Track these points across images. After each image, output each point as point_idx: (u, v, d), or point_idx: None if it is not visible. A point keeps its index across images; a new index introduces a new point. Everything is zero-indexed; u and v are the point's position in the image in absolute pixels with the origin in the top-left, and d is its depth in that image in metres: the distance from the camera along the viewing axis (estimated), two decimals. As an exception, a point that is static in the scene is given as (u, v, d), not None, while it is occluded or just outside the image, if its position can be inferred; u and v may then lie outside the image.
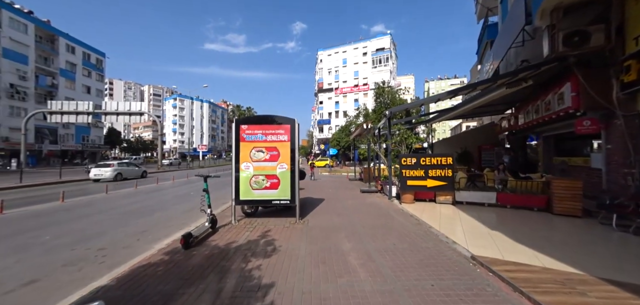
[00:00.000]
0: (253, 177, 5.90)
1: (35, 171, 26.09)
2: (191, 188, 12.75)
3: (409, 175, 7.73)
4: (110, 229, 5.84)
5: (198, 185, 13.89)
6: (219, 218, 6.32)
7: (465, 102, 9.96)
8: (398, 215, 6.58)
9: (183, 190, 12.33)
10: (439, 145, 21.76)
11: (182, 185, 14.51)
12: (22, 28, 35.04)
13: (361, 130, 11.88)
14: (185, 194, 11.12)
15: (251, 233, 5.12)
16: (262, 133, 5.98)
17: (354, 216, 6.52)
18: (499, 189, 7.73)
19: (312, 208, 7.56)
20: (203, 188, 5.13)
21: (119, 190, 12.47)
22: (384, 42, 54.67)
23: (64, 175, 20.92)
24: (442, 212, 6.74)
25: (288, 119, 6.05)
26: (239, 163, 5.89)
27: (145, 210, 7.76)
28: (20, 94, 34.35)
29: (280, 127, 6.01)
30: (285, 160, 5.96)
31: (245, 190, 5.88)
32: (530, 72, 6.88)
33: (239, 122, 6.00)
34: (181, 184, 14.97)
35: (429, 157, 7.64)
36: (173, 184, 15.35)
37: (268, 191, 5.93)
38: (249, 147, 5.94)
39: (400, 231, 5.16)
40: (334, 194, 10.48)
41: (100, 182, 15.47)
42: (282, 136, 5.99)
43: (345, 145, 39.86)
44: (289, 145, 5.99)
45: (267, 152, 5.97)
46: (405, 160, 7.81)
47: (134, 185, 13.88)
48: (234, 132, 5.96)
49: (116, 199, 9.83)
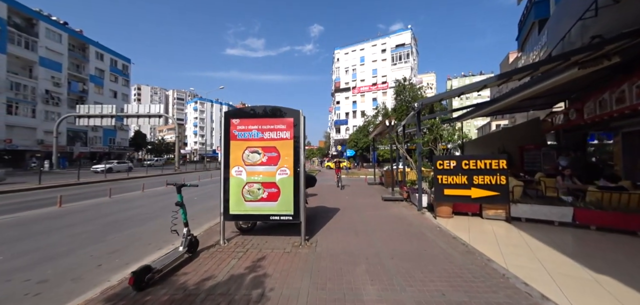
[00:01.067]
0: (246, 185, 4.64)
1: (64, 172, 27.27)
2: (196, 192, 11.92)
3: (447, 182, 6.08)
4: (80, 246, 4.87)
5: (205, 190, 13.05)
6: (208, 235, 5.14)
7: (507, 94, 8.05)
8: (436, 236, 4.98)
9: (188, 195, 11.51)
10: (470, 146, 19.31)
11: (189, 189, 13.79)
12: (56, 38, 37.40)
13: (383, 128, 10.30)
14: (188, 199, 10.21)
15: (238, 262, 3.84)
16: (257, 129, 4.70)
17: (376, 236, 5.03)
18: (569, 201, 5.83)
19: (324, 221, 6.17)
20: (176, 201, 3.94)
21: (124, 193, 11.94)
22: (405, 37, 51.99)
23: (85, 176, 21.43)
24: (497, 234, 5.03)
25: (291, 110, 4.73)
26: (228, 167, 4.67)
27: (135, 220, 6.83)
28: (55, 99, 36.59)
29: (280, 121, 4.70)
30: (287, 164, 4.64)
31: (237, 202, 4.63)
32: (625, 42, 4.97)
33: (229, 115, 4.77)
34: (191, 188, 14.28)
35: (475, 159, 5.94)
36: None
37: (265, 204, 4.63)
38: (241, 147, 4.70)
39: (446, 267, 3.61)
40: (350, 201, 9.00)
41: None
42: (283, 133, 4.68)
43: (363, 146, 38.05)
44: (291, 144, 4.66)
45: (264, 153, 4.68)
46: (441, 164, 6.17)
47: (141, 187, 13.36)
48: (223, 127, 4.75)
49: (114, 205, 9.13)
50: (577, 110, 8.77)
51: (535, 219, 5.60)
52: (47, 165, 31.40)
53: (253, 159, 4.68)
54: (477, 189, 5.83)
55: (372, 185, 14.31)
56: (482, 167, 5.84)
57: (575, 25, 7.80)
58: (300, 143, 4.66)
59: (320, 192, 11.47)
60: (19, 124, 32.53)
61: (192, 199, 10.24)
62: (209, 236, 5.08)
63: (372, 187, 13.46)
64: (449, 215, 6.28)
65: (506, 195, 5.64)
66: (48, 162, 31.37)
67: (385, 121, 9.58)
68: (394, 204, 8.45)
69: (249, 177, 4.65)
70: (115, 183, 17.26)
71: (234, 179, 4.65)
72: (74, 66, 40.61)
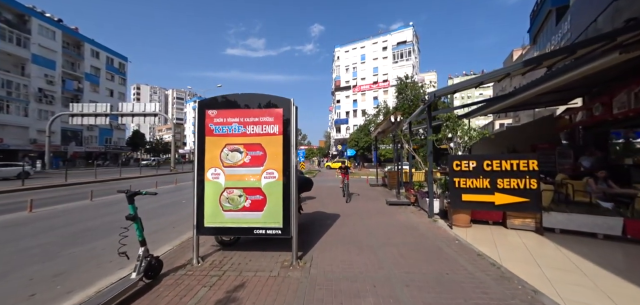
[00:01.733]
0: (225, 191, 3.77)
1: (56, 173, 26.43)
2: (184, 195, 11.05)
3: (465, 186, 5.20)
4: (24, 264, 4.01)
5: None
6: (182, 252, 4.26)
7: (526, 87, 7.17)
8: (457, 252, 4.11)
9: (176, 198, 10.64)
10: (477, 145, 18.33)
11: (174, 192, 12.92)
12: (50, 35, 36.55)
13: (387, 125, 9.42)
14: (174, 203, 9.36)
15: (209, 292, 2.97)
16: (239, 122, 3.83)
17: (384, 252, 4.15)
18: (609, 208, 4.93)
19: (321, 232, 5.29)
20: (127, 214, 3.07)
21: (109, 196, 11.08)
22: (406, 34, 51.05)
23: (76, 177, 20.59)
24: (530, 249, 4.15)
25: (280, 99, 3.85)
26: (203, 169, 3.79)
27: (105, 228, 5.95)
28: (48, 97, 35.76)
29: (267, 112, 3.82)
30: (275, 165, 3.76)
31: (213, 212, 3.75)
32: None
33: (204, 105, 3.89)
34: (180, 189, 13.41)
35: (499, 159, 5.05)
36: (174, 188, 13.86)
37: (248, 214, 3.75)
38: (219, 145, 3.82)
39: (480, 302, 2.73)
40: (352, 206, 8.12)
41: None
42: (270, 127, 3.80)
43: (364, 145, 37.16)
44: (280, 140, 3.78)
45: (246, 152, 3.81)
46: (459, 164, 5.29)
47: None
48: (197, 120, 3.87)
49: (92, 209, 8.26)
50: (604, 105, 7.87)
51: (572, 230, 4.72)
52: (39, 165, 30.59)
53: (233, 159, 3.80)
54: (501, 194, 4.94)
55: (375, 187, 13.43)
56: (507, 168, 4.95)
57: (607, 9, 6.91)
58: (291, 139, 3.78)
59: (319, 194, 10.60)
60: (10, 122, 31.70)
61: (180, 203, 9.38)
62: (183, 253, 4.21)
63: (375, 189, 12.57)
64: (467, 224, 5.40)
65: (537, 201, 4.75)
66: (40, 162, 30.56)
67: (391, 117, 8.69)
68: (401, 209, 7.57)
69: (228, 181, 3.77)
70: (106, 184, 16.42)
71: (210, 184, 3.78)
72: (69, 64, 39.76)
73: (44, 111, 35.16)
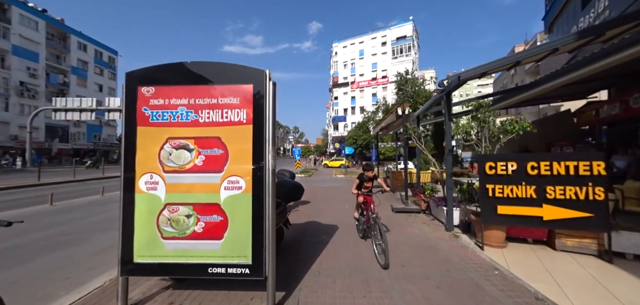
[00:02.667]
0: (166, 208, 2.50)
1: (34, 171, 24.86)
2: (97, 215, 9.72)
3: (501, 195, 3.98)
4: None
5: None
6: (106, 298, 2.98)
7: (552, 76, 5.99)
8: (503, 292, 2.89)
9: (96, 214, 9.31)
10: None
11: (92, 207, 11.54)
12: (33, 25, 34.68)
13: (392, 119, 8.18)
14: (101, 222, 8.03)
15: None
16: (188, 106, 2.55)
17: (402, 293, 2.92)
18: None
19: (314, 255, 4.05)
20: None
21: (76, 199, 9.73)
22: (406, 29, 49.78)
23: (52, 176, 19.12)
24: (611, 289, 2.95)
25: (250, 72, 2.58)
26: (133, 175, 2.52)
27: (35, 248, 4.65)
28: (31, 91, 33.96)
29: (231, 91, 2.55)
30: (240, 170, 2.50)
31: (147, 241, 2.48)
32: None
33: (136, 78, 2.61)
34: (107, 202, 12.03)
35: (549, 160, 3.82)
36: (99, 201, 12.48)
37: (200, 243, 2.49)
38: (157, 139, 2.54)
39: None
40: (352, 213, 6.89)
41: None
42: (234, 112, 2.53)
43: (362, 143, 36.00)
44: (249, 132, 2.52)
45: (199, 149, 2.54)
46: (493, 166, 4.06)
47: (100, 192, 11.08)
48: (124, 102, 2.59)
49: (38, 219, 6.92)
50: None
51: (647, 255, 3.53)
52: (20, 163, 28.97)
53: (179, 160, 2.53)
54: (552, 206, 3.73)
55: (376, 188, 12.18)
56: (561, 172, 3.74)
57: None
58: (266, 130, 2.52)
59: (313, 197, 9.35)
60: (-11, 117, 29.95)
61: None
62: (107, 300, 2.92)
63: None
64: (502, 243, 4.19)
65: (604, 217, 3.54)
66: (20, 160, 28.93)
67: (397, 110, 7.47)
68: (410, 218, 6.35)
69: (171, 193, 2.51)
70: (84, 184, 15.03)
71: (144, 198, 2.50)
72: (54, 57, 37.89)
73: (27, 106, 33.37)
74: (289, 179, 6.00)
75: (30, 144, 28.81)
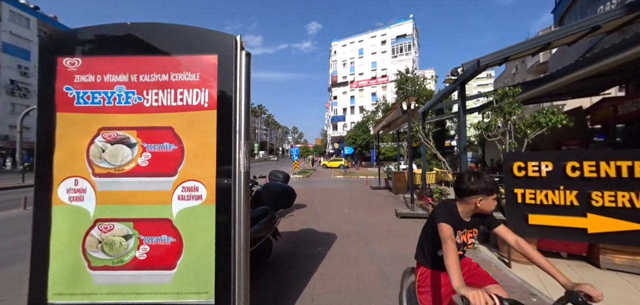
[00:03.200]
0: (96, 226, 1.79)
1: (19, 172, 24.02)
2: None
3: (534, 202, 3.30)
4: None
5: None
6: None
7: (571, 68, 5.36)
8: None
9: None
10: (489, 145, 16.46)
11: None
12: (24, 22, 33.85)
13: (396, 114, 7.49)
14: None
15: None
16: (128, 84, 1.84)
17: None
18: None
19: (306, 276, 3.34)
20: None
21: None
22: (406, 28, 49.19)
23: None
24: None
25: (212, 36, 1.87)
26: (50, 182, 1.81)
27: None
28: (22, 90, 33.13)
29: (187, 63, 1.84)
30: (200, 172, 1.80)
31: (70, 273, 1.77)
32: None
33: (55, 46, 1.91)
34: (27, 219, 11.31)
35: (596, 159, 3.14)
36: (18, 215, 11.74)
37: (143, 274, 1.78)
38: (85, 130, 1.83)
39: None
40: (353, 218, 6.20)
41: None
42: (191, 93, 1.83)
43: (361, 143, 35.37)
44: (213, 120, 1.81)
45: (142, 143, 1.83)
46: (523, 167, 3.38)
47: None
48: (39, 78, 1.89)
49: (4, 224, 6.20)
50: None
51: None
52: (9, 163, 28.19)
53: (116, 159, 1.82)
54: (600, 216, 3.04)
55: (377, 190, 11.52)
56: (610, 174, 3.05)
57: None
58: (236, 117, 1.82)
59: (310, 201, 8.65)
60: (-22, 117, 29.10)
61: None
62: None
63: (378, 193, 10.66)
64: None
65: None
66: (10, 160, 28.14)
67: (402, 105, 6.78)
68: (417, 224, 5.66)
69: (103, 205, 1.80)
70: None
71: (64, 212, 1.79)
72: (46, 55, 36.98)
73: (18, 105, 32.48)
74: (280, 183, 5.29)
75: (21, 144, 27.96)
